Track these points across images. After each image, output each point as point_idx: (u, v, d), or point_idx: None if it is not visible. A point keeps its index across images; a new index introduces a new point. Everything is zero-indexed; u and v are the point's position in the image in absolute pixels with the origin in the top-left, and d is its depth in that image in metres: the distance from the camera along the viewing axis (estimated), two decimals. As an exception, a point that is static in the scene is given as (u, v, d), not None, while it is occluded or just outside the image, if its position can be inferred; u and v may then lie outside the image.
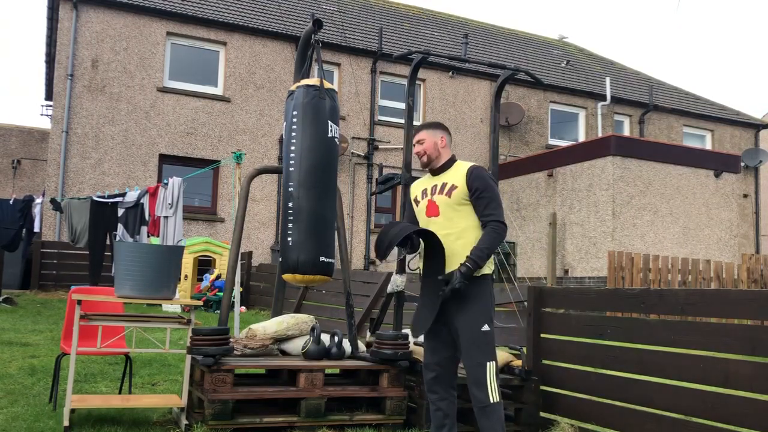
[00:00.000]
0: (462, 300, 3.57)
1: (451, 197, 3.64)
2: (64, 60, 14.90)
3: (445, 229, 3.63)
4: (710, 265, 13.25)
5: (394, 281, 4.79)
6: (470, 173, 3.64)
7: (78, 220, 10.56)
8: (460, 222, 3.62)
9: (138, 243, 9.59)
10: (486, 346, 3.54)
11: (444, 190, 3.67)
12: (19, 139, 22.81)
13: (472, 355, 3.53)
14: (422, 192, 3.80)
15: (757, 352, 3.46)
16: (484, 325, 3.54)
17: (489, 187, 3.60)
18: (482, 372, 3.50)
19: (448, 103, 18.53)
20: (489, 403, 3.49)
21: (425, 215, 3.72)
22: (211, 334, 4.27)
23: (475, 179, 3.61)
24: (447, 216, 3.64)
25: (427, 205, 3.72)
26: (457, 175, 3.68)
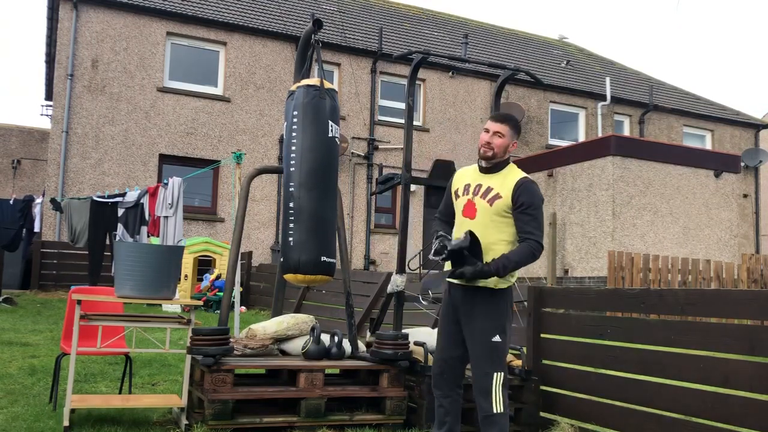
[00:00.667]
0: (478, 308, 3.52)
1: (492, 206, 3.48)
2: (64, 60, 14.90)
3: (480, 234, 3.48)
4: (710, 265, 13.25)
5: (394, 281, 4.80)
6: (519, 185, 3.46)
7: (78, 220, 10.56)
8: (493, 233, 3.48)
9: (138, 243, 9.59)
10: (495, 356, 3.49)
11: (487, 196, 3.50)
12: (19, 139, 22.82)
13: (481, 364, 3.49)
14: (465, 187, 3.61)
15: (757, 352, 3.46)
16: (495, 336, 3.48)
17: (535, 205, 3.44)
18: (488, 382, 3.46)
19: (448, 103, 18.53)
20: (492, 413, 3.45)
21: (462, 213, 3.58)
22: (211, 334, 4.27)
23: (522, 193, 3.44)
24: (482, 223, 3.48)
25: (466, 203, 3.56)
26: (505, 183, 3.49)
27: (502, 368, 3.50)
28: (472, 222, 3.51)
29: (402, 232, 4.96)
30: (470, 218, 3.52)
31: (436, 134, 18.25)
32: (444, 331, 3.70)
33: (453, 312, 3.62)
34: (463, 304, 3.55)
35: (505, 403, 3.48)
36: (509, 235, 3.50)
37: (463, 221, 3.56)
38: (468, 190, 3.59)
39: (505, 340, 3.51)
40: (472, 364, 3.54)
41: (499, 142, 3.52)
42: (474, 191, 3.55)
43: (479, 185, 3.56)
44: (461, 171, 3.75)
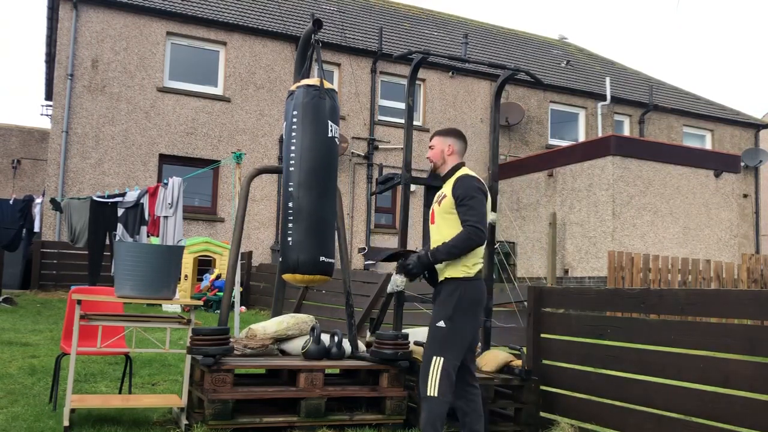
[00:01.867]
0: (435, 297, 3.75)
1: (440, 206, 3.75)
2: (64, 60, 14.90)
3: (435, 235, 3.77)
4: (710, 265, 13.25)
5: (394, 281, 4.79)
6: (456, 182, 3.71)
7: (78, 220, 10.56)
8: (445, 231, 3.70)
9: (138, 243, 9.59)
10: (437, 341, 3.63)
11: (439, 199, 3.78)
12: (19, 139, 22.82)
13: (427, 347, 3.67)
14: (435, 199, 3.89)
15: (757, 352, 3.46)
16: (439, 321, 3.63)
17: (468, 195, 3.64)
18: (428, 365, 3.60)
19: (448, 103, 18.53)
20: (425, 395, 3.58)
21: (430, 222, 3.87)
22: (211, 334, 4.27)
23: (458, 188, 3.68)
24: (438, 224, 3.75)
25: (430, 213, 3.86)
26: (449, 184, 3.76)
27: (443, 354, 3.59)
28: (433, 227, 3.80)
29: (402, 232, 4.96)
30: (432, 224, 3.82)
31: (436, 134, 18.22)
32: None
33: None
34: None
35: (442, 389, 3.55)
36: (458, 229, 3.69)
37: (430, 228, 3.85)
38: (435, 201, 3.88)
39: (450, 327, 3.60)
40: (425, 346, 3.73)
41: (433, 152, 3.90)
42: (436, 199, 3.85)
43: (438, 193, 3.86)
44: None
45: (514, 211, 17.09)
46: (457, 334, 3.62)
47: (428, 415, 3.56)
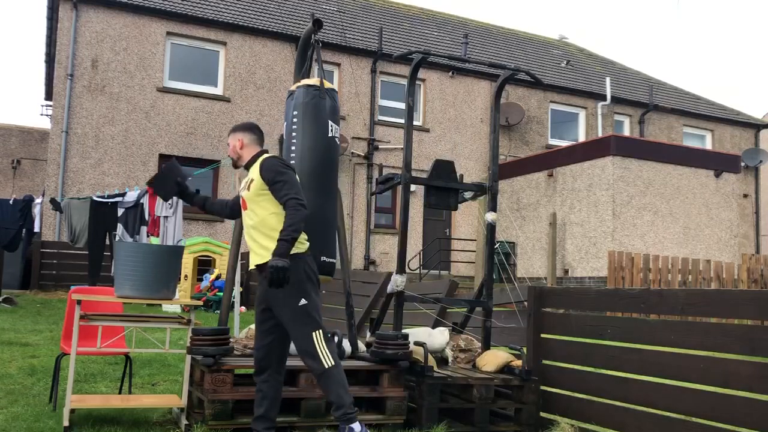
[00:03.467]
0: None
1: (250, 191, 3.83)
2: (64, 60, 14.90)
3: (251, 220, 3.83)
4: (710, 265, 13.25)
5: (394, 281, 4.79)
6: (261, 166, 3.81)
7: (78, 220, 10.56)
8: (260, 212, 3.79)
9: (138, 243, 9.59)
10: (307, 317, 3.68)
11: (247, 185, 3.88)
12: (19, 139, 22.82)
13: (296, 329, 3.69)
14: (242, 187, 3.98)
15: (757, 352, 3.46)
16: (300, 300, 3.69)
17: (278, 173, 3.74)
18: (309, 342, 3.65)
19: (448, 103, 18.53)
20: (324, 368, 3.63)
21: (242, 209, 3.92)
22: (211, 334, 4.26)
23: (265, 170, 3.77)
24: (251, 208, 3.84)
25: (241, 201, 3.92)
26: (254, 170, 3.86)
27: (318, 327, 3.70)
28: (246, 212, 3.87)
29: (402, 232, 4.96)
30: (245, 209, 3.89)
31: (436, 134, 18.25)
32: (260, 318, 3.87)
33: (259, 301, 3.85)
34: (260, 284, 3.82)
35: (333, 356, 3.67)
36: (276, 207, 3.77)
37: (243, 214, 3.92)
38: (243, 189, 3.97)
39: (310, 301, 3.71)
40: (290, 333, 3.72)
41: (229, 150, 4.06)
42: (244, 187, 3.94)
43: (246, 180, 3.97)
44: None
45: (514, 211, 17.09)
46: (317, 305, 3.76)
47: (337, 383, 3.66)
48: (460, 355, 5.09)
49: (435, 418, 4.44)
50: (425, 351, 4.60)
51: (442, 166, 5.15)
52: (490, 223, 5.21)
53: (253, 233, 3.82)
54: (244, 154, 3.98)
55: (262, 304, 3.84)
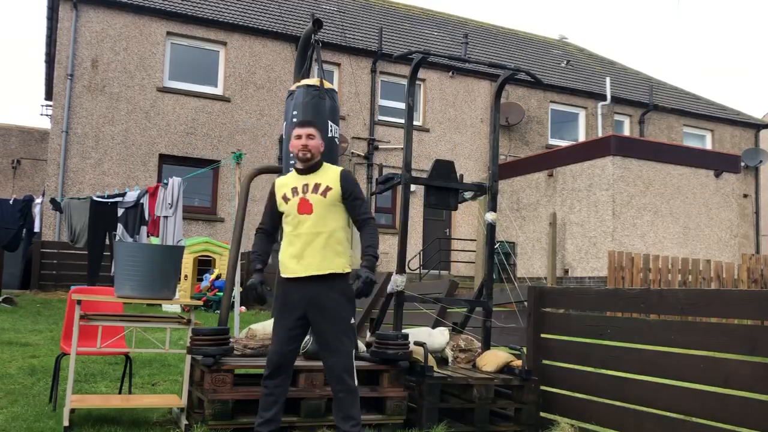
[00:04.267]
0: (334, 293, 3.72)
1: (326, 197, 3.76)
2: (64, 60, 14.90)
3: (317, 227, 3.73)
4: (710, 265, 13.25)
5: (394, 281, 4.79)
6: (344, 178, 3.82)
7: (78, 220, 10.56)
8: (332, 223, 3.75)
9: (138, 243, 9.59)
10: (353, 335, 3.77)
11: (318, 190, 3.77)
12: (19, 139, 22.82)
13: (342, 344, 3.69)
14: (292, 190, 3.83)
15: (756, 352, 3.46)
16: (351, 318, 3.76)
17: (360, 190, 3.85)
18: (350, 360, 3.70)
19: (448, 103, 18.53)
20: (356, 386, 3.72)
21: (297, 212, 3.78)
22: (211, 334, 4.27)
23: (349, 184, 3.81)
24: (323, 215, 3.75)
25: (299, 202, 3.78)
26: (329, 177, 3.81)
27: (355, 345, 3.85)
28: (310, 216, 3.74)
29: (402, 232, 4.96)
30: (307, 213, 3.75)
31: (436, 134, 18.25)
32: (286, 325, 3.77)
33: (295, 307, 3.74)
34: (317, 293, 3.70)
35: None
36: (343, 221, 3.82)
37: (300, 218, 3.75)
38: (296, 191, 3.81)
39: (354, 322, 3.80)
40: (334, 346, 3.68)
41: (314, 143, 3.82)
42: (303, 190, 3.79)
43: (306, 184, 3.81)
44: (281, 180, 3.96)
45: (514, 211, 17.09)
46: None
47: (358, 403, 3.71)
48: (460, 355, 5.08)
49: (435, 418, 4.44)
50: (425, 351, 4.60)
51: (442, 166, 5.15)
52: (490, 223, 5.21)
53: (318, 241, 3.72)
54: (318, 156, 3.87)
55: (298, 311, 3.73)
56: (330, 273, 3.69)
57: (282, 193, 3.85)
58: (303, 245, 3.72)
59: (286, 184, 3.88)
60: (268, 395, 3.77)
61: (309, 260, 3.70)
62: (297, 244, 3.75)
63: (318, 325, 3.71)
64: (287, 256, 3.80)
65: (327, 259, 3.69)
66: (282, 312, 3.79)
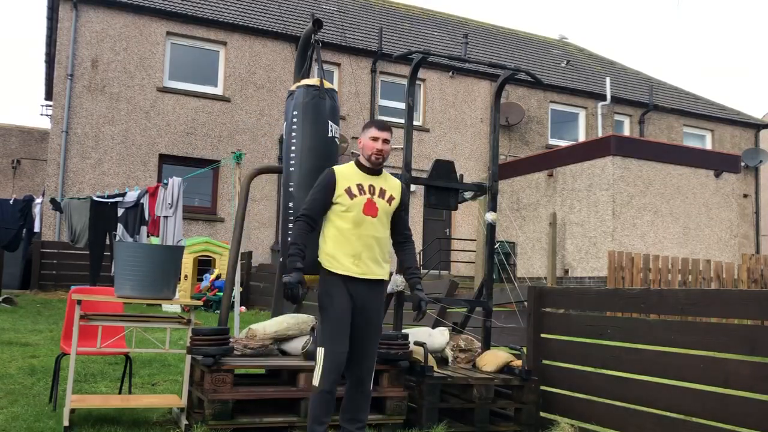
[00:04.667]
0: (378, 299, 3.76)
1: (391, 205, 3.78)
2: (64, 60, 14.90)
3: (378, 232, 3.72)
4: (710, 265, 13.25)
5: (394, 281, 4.79)
6: (404, 191, 3.88)
7: (78, 220, 10.56)
8: (385, 231, 3.79)
9: (138, 243, 9.59)
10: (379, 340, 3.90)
11: (384, 196, 3.76)
12: (19, 139, 22.81)
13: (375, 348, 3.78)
14: (358, 186, 3.72)
15: (756, 352, 3.46)
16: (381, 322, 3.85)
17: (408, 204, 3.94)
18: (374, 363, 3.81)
19: (448, 103, 18.53)
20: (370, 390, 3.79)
21: (362, 212, 3.68)
22: (211, 334, 4.27)
23: (405, 196, 3.87)
24: (384, 223, 3.76)
25: (366, 202, 3.70)
26: (391, 185, 3.83)
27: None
28: (374, 220, 3.70)
29: (402, 232, 4.95)
30: (372, 216, 3.70)
31: (436, 134, 18.25)
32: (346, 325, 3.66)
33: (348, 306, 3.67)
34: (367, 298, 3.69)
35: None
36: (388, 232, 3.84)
37: (364, 219, 3.68)
38: (362, 189, 3.73)
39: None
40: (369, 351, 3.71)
41: (387, 148, 3.79)
42: (369, 191, 3.74)
43: (371, 186, 3.76)
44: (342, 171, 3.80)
45: (514, 211, 17.09)
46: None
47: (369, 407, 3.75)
48: (460, 355, 5.09)
49: (435, 418, 4.44)
50: (425, 351, 4.60)
51: (442, 166, 5.15)
52: (490, 223, 5.21)
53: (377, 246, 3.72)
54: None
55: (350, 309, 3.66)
56: (380, 279, 3.74)
57: (346, 186, 3.71)
58: (363, 247, 3.66)
59: (349, 178, 3.74)
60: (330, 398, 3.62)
61: (367, 263, 3.67)
62: (356, 244, 3.66)
63: (360, 329, 3.68)
64: (343, 253, 3.66)
65: (380, 265, 3.73)
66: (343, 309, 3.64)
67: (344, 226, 3.68)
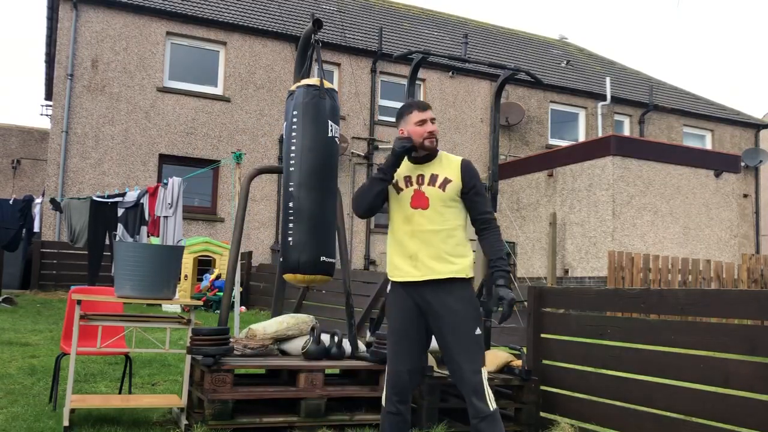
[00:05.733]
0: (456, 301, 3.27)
1: (445, 190, 3.32)
2: (64, 60, 14.90)
3: (433, 224, 3.30)
4: (710, 265, 13.25)
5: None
6: (465, 168, 3.37)
7: (77, 220, 10.56)
8: (451, 221, 3.32)
9: (138, 243, 9.59)
10: (479, 350, 3.26)
11: (436, 182, 3.33)
12: (19, 139, 22.81)
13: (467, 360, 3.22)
14: (406, 179, 3.39)
15: (757, 352, 3.46)
16: (476, 329, 3.26)
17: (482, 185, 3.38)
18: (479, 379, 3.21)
19: (448, 103, 18.53)
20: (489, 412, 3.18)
21: (410, 206, 3.34)
22: (211, 334, 4.27)
23: (471, 176, 3.35)
24: (441, 211, 3.31)
25: (413, 195, 3.35)
26: (449, 167, 3.37)
27: (485, 363, 3.29)
28: (425, 212, 3.30)
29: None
30: (423, 208, 3.30)
31: (436, 134, 18.24)
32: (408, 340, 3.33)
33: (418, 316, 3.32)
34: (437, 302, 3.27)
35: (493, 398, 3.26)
36: (462, 219, 3.37)
37: (413, 213, 3.33)
38: (410, 181, 3.38)
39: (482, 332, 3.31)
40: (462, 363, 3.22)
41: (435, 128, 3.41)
42: (419, 182, 3.36)
43: (421, 175, 3.37)
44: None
45: (514, 211, 17.09)
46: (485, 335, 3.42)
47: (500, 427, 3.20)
48: (460, 355, 5.08)
49: (435, 418, 4.44)
50: (425, 351, 4.59)
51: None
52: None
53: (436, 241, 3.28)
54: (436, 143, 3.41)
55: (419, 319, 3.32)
56: (449, 278, 3.25)
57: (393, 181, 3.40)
58: (418, 245, 3.28)
59: (398, 173, 3.40)
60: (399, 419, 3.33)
61: (426, 262, 3.26)
62: (410, 243, 3.30)
63: (443, 338, 3.26)
64: (399, 257, 3.34)
65: (446, 262, 3.26)
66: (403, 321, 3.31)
67: (396, 227, 3.38)
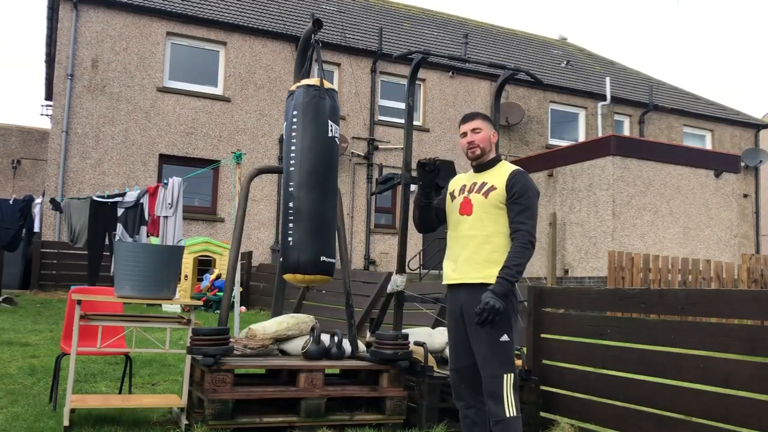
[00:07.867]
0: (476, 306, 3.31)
1: (487, 198, 3.39)
2: (64, 60, 14.90)
3: (474, 230, 3.39)
4: (710, 265, 13.24)
5: (394, 281, 4.79)
6: (512, 176, 3.40)
7: (77, 220, 10.56)
8: (490, 225, 3.37)
9: (138, 243, 9.59)
10: (504, 356, 3.30)
11: (482, 190, 3.42)
12: (19, 139, 22.81)
13: (489, 366, 3.31)
14: (460, 189, 3.53)
15: (757, 352, 3.46)
16: (503, 335, 3.29)
17: (527, 195, 3.35)
18: (498, 384, 3.27)
19: (448, 103, 18.53)
20: (505, 417, 3.25)
21: (458, 212, 3.47)
22: (211, 334, 4.27)
23: (516, 183, 3.36)
24: (482, 218, 3.39)
25: (462, 202, 3.46)
26: (499, 175, 3.43)
27: (512, 368, 3.32)
28: (468, 218, 3.41)
29: (402, 232, 4.96)
30: (467, 214, 3.43)
31: (436, 134, 18.25)
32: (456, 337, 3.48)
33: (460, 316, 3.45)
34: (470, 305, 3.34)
35: (518, 406, 3.30)
36: (505, 227, 3.38)
37: (460, 219, 3.46)
38: (464, 190, 3.52)
39: (512, 339, 3.33)
40: (481, 366, 3.35)
41: (481, 136, 3.49)
42: (470, 189, 3.49)
43: (474, 183, 3.50)
44: (457, 177, 3.69)
45: (514, 211, 17.07)
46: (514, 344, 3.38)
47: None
48: (460, 355, 5.08)
49: (435, 418, 4.44)
50: (425, 351, 4.60)
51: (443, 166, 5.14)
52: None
53: (472, 246, 3.36)
54: (494, 150, 3.52)
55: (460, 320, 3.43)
56: (482, 283, 3.29)
57: (451, 190, 3.56)
58: (460, 249, 3.40)
59: (457, 181, 3.59)
60: (463, 418, 3.51)
61: (464, 266, 3.37)
62: (454, 247, 3.44)
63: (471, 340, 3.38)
64: (447, 260, 3.50)
65: (480, 267, 3.32)
66: (448, 322, 3.52)
67: (448, 233, 3.51)
